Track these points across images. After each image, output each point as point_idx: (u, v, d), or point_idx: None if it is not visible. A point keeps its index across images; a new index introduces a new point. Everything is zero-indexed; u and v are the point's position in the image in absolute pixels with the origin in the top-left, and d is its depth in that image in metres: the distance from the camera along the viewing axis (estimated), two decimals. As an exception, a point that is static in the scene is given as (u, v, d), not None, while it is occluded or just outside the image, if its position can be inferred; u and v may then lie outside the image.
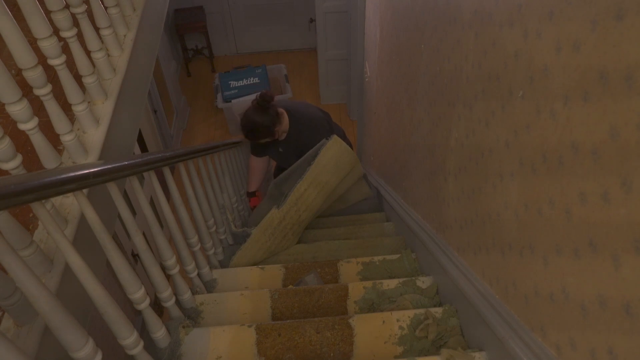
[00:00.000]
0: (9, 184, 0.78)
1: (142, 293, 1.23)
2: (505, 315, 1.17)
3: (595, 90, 0.75)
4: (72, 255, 0.97)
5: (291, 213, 2.36)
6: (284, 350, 1.46)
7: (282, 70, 5.25)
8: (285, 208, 2.35)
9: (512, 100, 1.04)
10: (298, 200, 2.36)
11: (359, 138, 4.21)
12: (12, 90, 1.08)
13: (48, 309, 0.87)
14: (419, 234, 1.95)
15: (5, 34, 1.09)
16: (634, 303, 0.70)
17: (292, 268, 2.04)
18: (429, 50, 1.74)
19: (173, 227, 1.62)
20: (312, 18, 5.00)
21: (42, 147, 1.25)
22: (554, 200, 0.90)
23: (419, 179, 2.01)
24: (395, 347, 1.48)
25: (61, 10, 1.32)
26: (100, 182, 1.14)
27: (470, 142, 1.34)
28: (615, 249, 0.73)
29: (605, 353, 0.78)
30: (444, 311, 1.54)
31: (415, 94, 2.00)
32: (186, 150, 1.89)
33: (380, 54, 2.84)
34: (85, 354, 0.94)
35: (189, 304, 1.64)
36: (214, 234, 2.16)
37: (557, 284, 0.92)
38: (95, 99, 1.55)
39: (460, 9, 1.36)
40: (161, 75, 4.67)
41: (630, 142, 0.68)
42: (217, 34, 6.05)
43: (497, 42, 1.11)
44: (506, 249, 1.15)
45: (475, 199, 1.33)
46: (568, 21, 0.81)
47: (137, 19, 1.92)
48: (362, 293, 1.75)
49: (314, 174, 2.38)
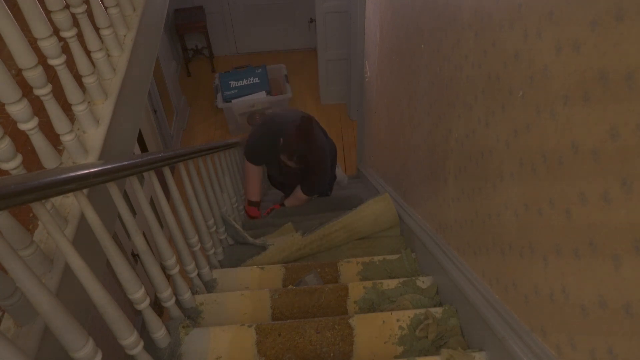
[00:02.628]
0: (9, 184, 0.78)
1: (142, 293, 1.23)
2: (505, 315, 1.17)
3: (595, 91, 0.75)
4: (72, 255, 0.97)
5: (313, 245, 2.29)
6: (284, 350, 1.46)
7: (282, 70, 5.25)
8: (309, 238, 2.28)
9: (512, 100, 1.04)
10: (324, 237, 2.29)
11: (359, 138, 4.20)
12: (12, 90, 1.08)
13: (48, 309, 0.87)
14: (419, 234, 1.95)
15: (5, 34, 1.09)
16: (634, 303, 0.70)
17: (292, 268, 2.04)
18: (429, 50, 1.74)
19: (173, 227, 1.62)
20: (312, 18, 5.00)
21: (42, 147, 1.25)
22: (554, 200, 0.90)
23: (419, 179, 2.01)
24: (395, 347, 1.48)
25: (61, 10, 1.32)
26: (100, 182, 1.14)
27: (470, 142, 1.34)
28: (615, 249, 0.73)
29: (605, 353, 0.78)
30: (444, 311, 1.54)
31: (415, 94, 2.00)
32: (186, 150, 1.89)
33: (380, 54, 2.84)
34: (85, 354, 0.94)
35: (189, 304, 1.64)
36: (214, 234, 2.16)
37: (557, 284, 0.92)
38: (95, 99, 1.55)
39: (460, 9, 1.36)
40: (161, 75, 4.67)
41: (630, 142, 0.68)
42: (217, 34, 6.05)
43: (497, 42, 1.11)
44: (506, 249, 1.15)
45: (475, 199, 1.33)
46: (568, 21, 0.81)
47: (137, 19, 1.92)
48: (362, 293, 1.75)
49: (350, 220, 2.31)
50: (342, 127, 5.16)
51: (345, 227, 2.30)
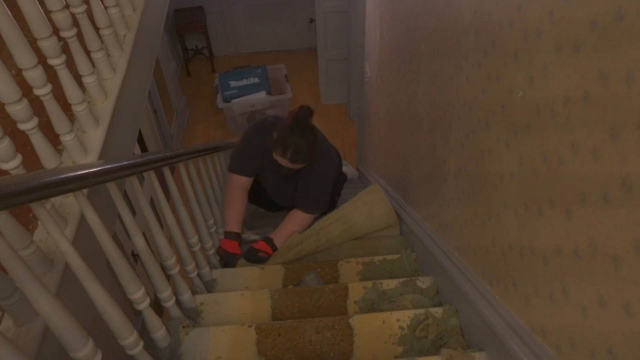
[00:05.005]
0: (9, 184, 0.78)
1: (142, 293, 1.23)
2: (505, 315, 1.17)
3: (595, 90, 0.75)
4: (72, 255, 0.97)
5: (310, 241, 2.23)
6: (284, 350, 1.46)
7: (282, 70, 5.25)
8: (306, 234, 2.23)
9: (512, 100, 1.04)
10: (320, 231, 2.24)
11: (359, 138, 4.20)
12: (12, 90, 1.08)
13: (48, 309, 0.87)
14: (419, 234, 1.95)
15: (5, 34, 1.09)
16: (634, 303, 0.70)
17: (292, 268, 2.04)
18: (429, 50, 1.74)
19: (173, 227, 1.62)
20: (312, 18, 5.00)
21: (42, 147, 1.25)
22: (554, 200, 0.90)
23: (419, 179, 2.01)
24: (395, 347, 1.48)
25: (61, 10, 1.32)
26: (100, 182, 1.14)
27: (470, 142, 1.34)
28: (615, 249, 0.73)
29: (605, 353, 0.78)
30: (444, 311, 1.54)
31: (415, 94, 2.00)
32: (186, 150, 1.89)
33: (380, 54, 2.84)
34: (85, 354, 0.94)
35: (189, 304, 1.64)
36: (213, 234, 2.16)
37: (557, 284, 0.92)
38: (95, 98, 1.55)
39: (460, 8, 1.36)
40: (161, 75, 4.67)
41: (630, 142, 0.68)
42: (217, 34, 6.05)
43: (497, 42, 1.11)
44: (506, 249, 1.15)
45: (475, 199, 1.33)
46: (568, 21, 0.81)
47: (137, 19, 1.92)
48: (362, 293, 1.75)
49: (345, 212, 2.28)
50: (342, 127, 5.17)
51: (341, 219, 2.28)
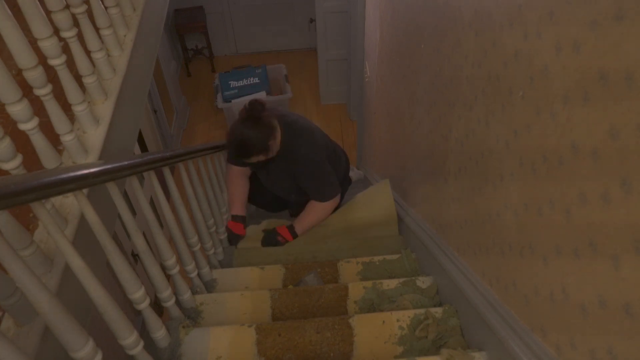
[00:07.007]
0: (9, 184, 0.78)
1: (142, 293, 1.23)
2: (505, 315, 1.17)
3: (595, 91, 0.75)
4: (72, 255, 0.97)
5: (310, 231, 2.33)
6: (284, 350, 1.46)
7: (282, 70, 5.24)
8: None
9: (512, 100, 1.04)
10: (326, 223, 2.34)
11: (359, 138, 4.20)
12: (12, 90, 1.08)
13: (48, 309, 0.87)
14: (419, 234, 1.95)
15: (5, 34, 1.09)
16: (633, 303, 0.70)
17: (292, 268, 2.04)
18: (429, 50, 1.74)
19: (173, 227, 1.62)
20: (312, 18, 5.00)
21: (42, 147, 1.25)
22: (554, 200, 0.90)
23: (419, 179, 2.01)
24: (395, 347, 1.48)
25: (61, 11, 1.32)
26: (100, 182, 1.14)
27: (470, 142, 1.34)
28: (615, 249, 0.73)
29: (605, 353, 0.78)
30: (444, 311, 1.54)
31: (415, 94, 2.00)
32: (186, 150, 1.89)
33: (380, 54, 2.84)
34: (85, 354, 0.94)
35: (189, 304, 1.64)
36: (213, 234, 2.16)
37: (557, 284, 0.92)
38: (95, 99, 1.55)
39: (460, 8, 1.36)
40: (161, 75, 4.67)
41: (630, 142, 0.68)
42: (217, 34, 6.05)
43: (497, 42, 1.11)
44: (506, 249, 1.15)
45: (475, 199, 1.33)
46: (568, 21, 0.81)
47: (137, 19, 1.92)
48: (362, 293, 1.75)
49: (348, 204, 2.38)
50: (342, 127, 5.16)
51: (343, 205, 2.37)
